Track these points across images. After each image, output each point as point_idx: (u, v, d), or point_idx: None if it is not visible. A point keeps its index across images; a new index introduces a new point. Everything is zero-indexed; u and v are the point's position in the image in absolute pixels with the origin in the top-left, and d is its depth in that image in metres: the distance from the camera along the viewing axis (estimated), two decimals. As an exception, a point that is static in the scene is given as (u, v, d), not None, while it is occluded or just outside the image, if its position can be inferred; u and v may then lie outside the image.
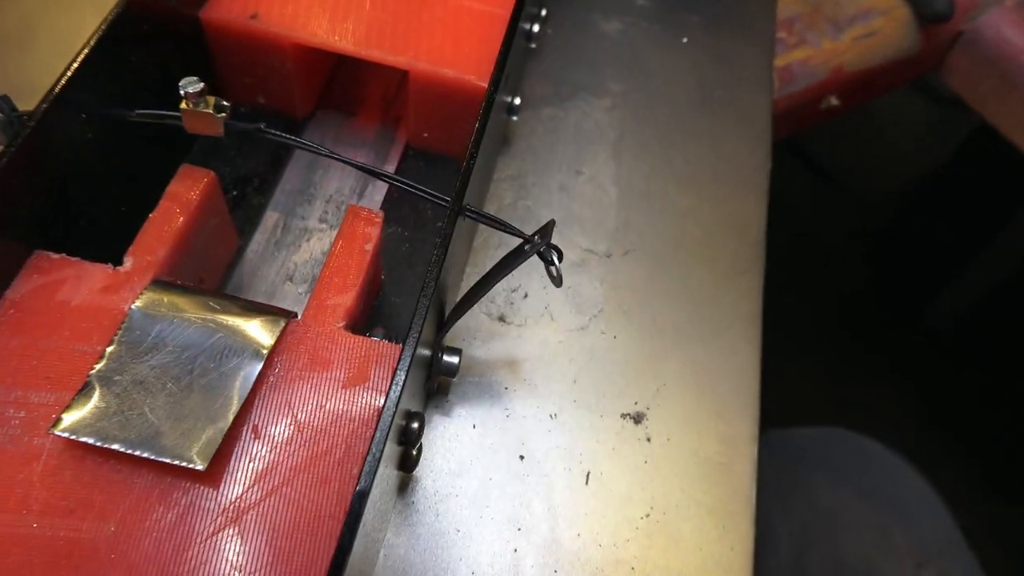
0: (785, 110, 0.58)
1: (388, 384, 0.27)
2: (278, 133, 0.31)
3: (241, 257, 0.39)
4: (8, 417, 0.27)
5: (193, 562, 0.25)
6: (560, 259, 0.32)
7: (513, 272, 0.33)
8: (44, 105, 0.29)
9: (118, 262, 0.30)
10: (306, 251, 0.40)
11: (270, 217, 0.40)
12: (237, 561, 0.25)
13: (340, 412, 0.28)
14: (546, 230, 0.31)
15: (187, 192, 0.32)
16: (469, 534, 0.34)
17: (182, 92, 0.29)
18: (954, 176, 1.36)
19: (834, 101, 0.59)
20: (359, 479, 0.24)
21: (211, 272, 0.36)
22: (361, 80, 0.46)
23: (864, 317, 1.29)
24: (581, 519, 0.35)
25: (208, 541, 0.25)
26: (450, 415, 0.37)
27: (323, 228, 0.41)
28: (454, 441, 0.36)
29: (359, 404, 0.29)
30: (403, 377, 0.26)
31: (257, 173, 0.41)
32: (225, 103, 0.31)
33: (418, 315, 0.27)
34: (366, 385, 0.29)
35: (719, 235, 0.44)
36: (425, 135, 0.43)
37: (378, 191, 0.42)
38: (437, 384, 0.36)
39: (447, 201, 0.31)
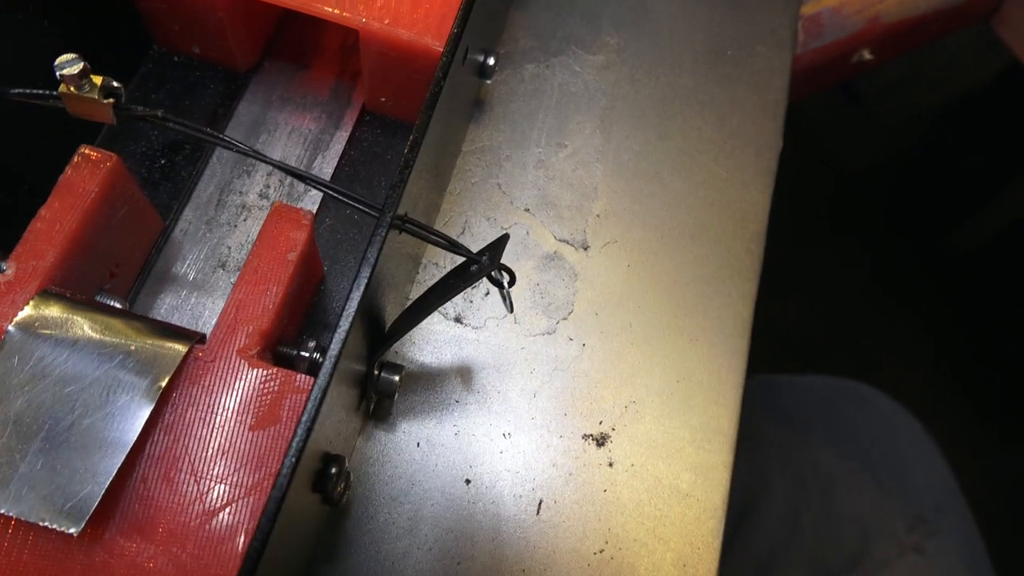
0: (808, 66, 0.51)
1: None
2: (182, 122, 0.26)
3: (168, 238, 0.34)
4: None
5: (67, 633, 0.22)
6: (512, 283, 0.28)
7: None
8: None
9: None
10: (243, 232, 0.35)
11: (203, 191, 0.36)
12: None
13: (245, 460, 0.25)
14: (496, 249, 0.27)
15: (84, 182, 0.28)
16: (404, 567, 0.31)
17: (57, 74, 0.24)
18: (989, 104, 1.26)
19: (867, 55, 0.52)
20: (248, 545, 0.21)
21: (126, 264, 0.32)
22: (316, 27, 0.40)
23: (882, 252, 1.24)
24: (529, 553, 0.32)
25: (85, 610, 0.23)
26: (393, 431, 0.33)
27: (263, 205, 0.36)
28: (395, 461, 0.33)
29: (267, 450, 0.25)
30: (302, 437, 0.22)
31: (189, 139, 0.36)
32: (116, 84, 0.26)
33: (328, 358, 0.23)
34: (277, 427, 0.25)
35: (714, 227, 0.39)
36: (382, 99, 0.37)
37: (328, 162, 0.37)
38: (373, 405, 0.32)
39: (378, 212, 0.26)
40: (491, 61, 0.37)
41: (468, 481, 0.33)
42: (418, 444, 0.33)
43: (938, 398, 1.14)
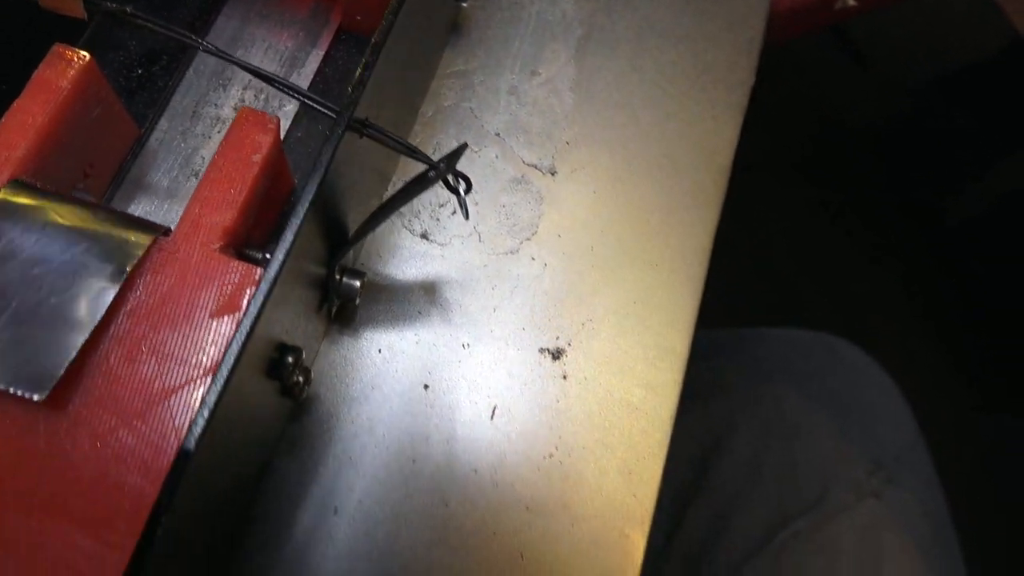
0: (791, 8, 0.51)
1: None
2: (149, 19, 0.27)
3: (143, 147, 0.35)
4: None
5: (32, 490, 0.24)
6: (468, 189, 0.29)
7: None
8: None
9: None
10: (216, 143, 0.36)
11: (179, 102, 0.37)
12: (77, 493, 0.24)
13: (204, 344, 0.26)
14: (453, 157, 0.28)
15: (57, 79, 0.29)
16: (360, 461, 0.33)
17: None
18: (995, 70, 1.25)
19: (851, 2, 0.52)
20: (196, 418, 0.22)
21: (100, 166, 0.33)
22: (295, -55, 0.40)
23: (872, 213, 1.24)
24: (480, 455, 0.34)
25: (47, 471, 0.24)
26: (356, 337, 0.35)
27: (238, 119, 0.37)
28: (356, 364, 0.34)
29: (226, 336, 0.27)
30: (256, 309, 0.24)
31: (168, 49, 0.37)
32: (86, -22, 0.26)
33: (283, 242, 0.25)
34: (236, 315, 0.27)
35: (681, 159, 0.40)
36: (358, 18, 0.38)
37: (303, 79, 0.38)
38: (335, 308, 0.33)
39: (336, 113, 0.27)
40: (467, -17, 0.37)
41: (426, 387, 0.34)
42: (379, 351, 0.35)
43: (916, 358, 1.15)
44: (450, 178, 0.28)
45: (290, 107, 0.37)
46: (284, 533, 0.31)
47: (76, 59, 0.29)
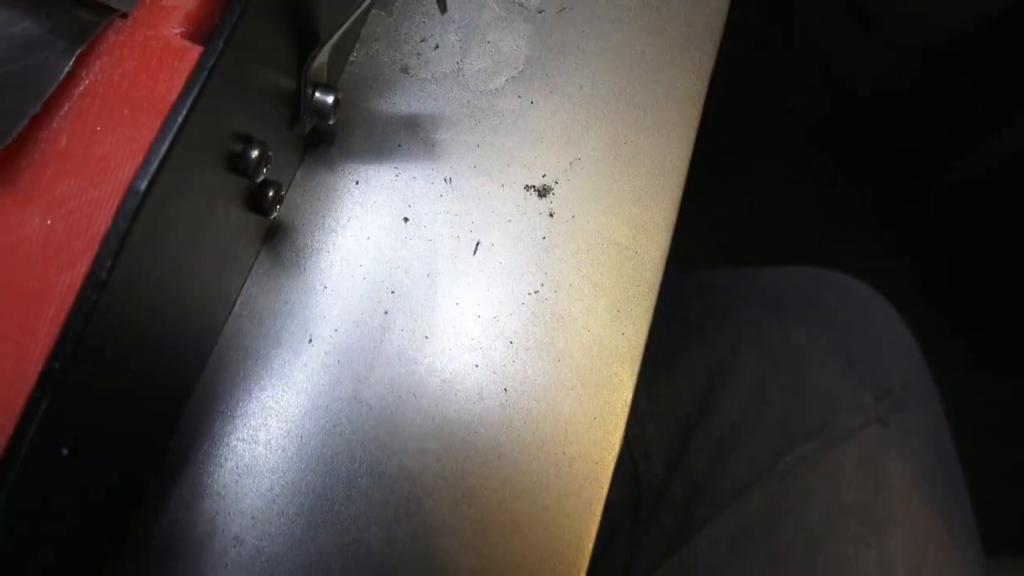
0: None
1: None
2: None
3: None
4: None
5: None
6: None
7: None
8: None
9: None
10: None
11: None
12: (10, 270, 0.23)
13: (154, 126, 0.25)
14: None
15: None
16: (337, 291, 0.31)
17: None
18: (998, 36, 1.22)
19: None
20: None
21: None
22: None
23: (875, 174, 1.22)
24: (462, 289, 0.32)
25: (5, 249, 0.23)
26: (332, 168, 0.33)
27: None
28: (332, 196, 0.33)
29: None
30: (202, 77, 0.22)
31: None
32: None
33: (225, 21, 0.23)
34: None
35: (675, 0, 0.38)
36: None
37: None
38: (310, 127, 0.32)
39: None
40: None
41: (406, 219, 0.33)
42: (356, 182, 0.33)
43: (911, 292, 1.14)
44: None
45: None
46: (258, 361, 0.30)
47: None
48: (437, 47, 0.35)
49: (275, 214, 0.30)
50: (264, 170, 0.26)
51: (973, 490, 0.59)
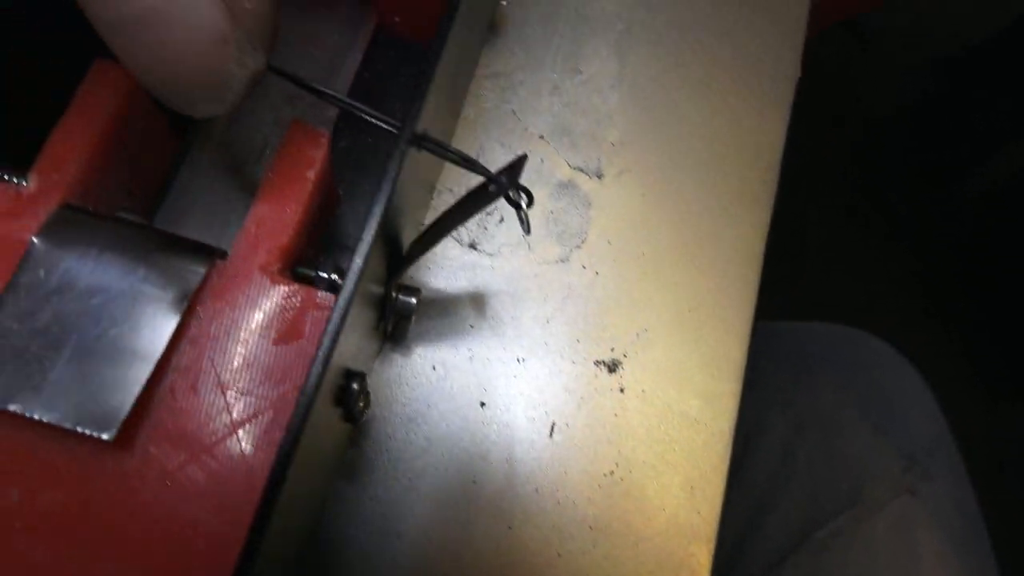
0: (827, -3, 0.50)
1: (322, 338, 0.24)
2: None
3: (187, 157, 0.34)
4: None
5: (103, 533, 0.23)
6: (531, 203, 0.28)
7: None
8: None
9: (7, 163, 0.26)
10: (256, 153, 0.35)
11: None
12: (148, 534, 0.23)
13: (269, 373, 0.25)
14: (514, 170, 0.27)
15: (100, 96, 0.27)
16: (421, 484, 0.32)
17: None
18: (997, 57, 1.24)
19: (886, -12, 0.51)
20: (277, 455, 0.22)
21: (144, 184, 0.32)
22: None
23: (884, 200, 1.23)
24: (541, 473, 0.33)
25: (117, 513, 0.23)
26: (409, 354, 0.34)
27: (276, 131, 0.36)
28: (412, 383, 0.33)
29: (290, 364, 0.25)
30: (330, 340, 0.23)
31: (200, 58, 0.36)
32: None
33: (353, 269, 0.24)
34: (299, 343, 0.26)
35: (729, 157, 0.39)
36: (396, 19, 0.36)
37: (343, 82, 0.37)
38: (393, 326, 0.32)
39: (396, 127, 0.26)
40: (508, -19, 0.36)
41: (483, 404, 0.33)
42: (434, 367, 0.34)
43: (933, 351, 1.15)
44: (522, 197, 0.27)
45: (332, 112, 0.36)
46: (348, 560, 0.30)
47: (118, 74, 0.28)
48: (502, 220, 0.36)
49: (364, 420, 0.30)
50: (362, 404, 0.27)
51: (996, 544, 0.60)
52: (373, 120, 0.26)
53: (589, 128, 0.38)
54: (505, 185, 0.26)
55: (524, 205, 0.28)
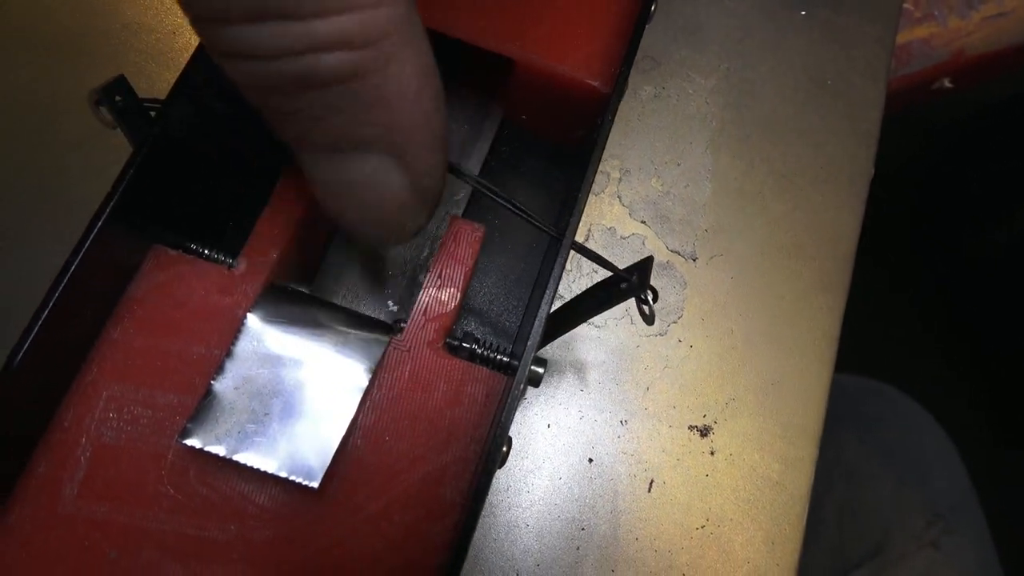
0: (893, 91, 0.54)
1: (480, 408, 0.29)
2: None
3: (339, 232, 0.39)
4: (137, 415, 0.29)
5: (304, 565, 0.28)
6: (655, 299, 0.32)
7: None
8: (170, 96, 0.29)
9: (218, 248, 0.31)
10: (398, 231, 0.40)
11: (364, 192, 0.40)
12: (342, 567, 0.28)
13: (438, 435, 0.30)
14: (644, 270, 0.31)
15: (297, 191, 0.33)
16: (537, 529, 0.36)
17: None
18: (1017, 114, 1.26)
19: (947, 83, 0.55)
20: (462, 513, 0.26)
21: (314, 256, 0.37)
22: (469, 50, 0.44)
23: (901, 254, 1.26)
24: (641, 524, 0.37)
25: (315, 548, 0.28)
26: (527, 413, 0.38)
27: (415, 207, 0.41)
28: (529, 439, 0.38)
29: (455, 428, 0.30)
30: (506, 417, 0.27)
31: (353, 144, 0.41)
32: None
33: (525, 361, 0.28)
34: (459, 409, 0.31)
35: (808, 246, 0.43)
36: (524, 118, 0.42)
37: (472, 166, 0.42)
38: (524, 395, 0.37)
39: (558, 236, 0.31)
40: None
41: (591, 460, 0.38)
42: (548, 426, 0.38)
43: (951, 399, 1.18)
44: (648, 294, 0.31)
45: (461, 195, 0.41)
46: (476, 594, 0.35)
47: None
48: (609, 296, 0.41)
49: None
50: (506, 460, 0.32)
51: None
52: (539, 227, 0.31)
53: (685, 215, 0.43)
54: (636, 287, 0.31)
55: (651, 302, 0.33)
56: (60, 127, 0.41)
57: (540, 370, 0.35)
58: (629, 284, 0.31)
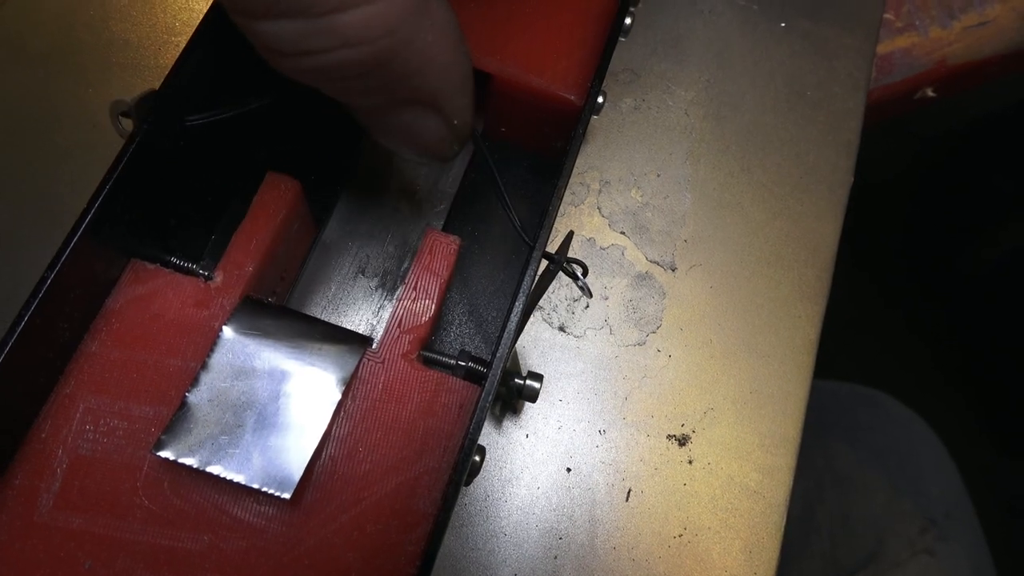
0: (876, 101, 0.55)
1: (453, 419, 0.29)
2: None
3: (317, 243, 0.40)
4: (114, 427, 0.29)
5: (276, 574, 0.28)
6: (585, 273, 0.32)
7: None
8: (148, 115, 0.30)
9: (197, 259, 0.32)
10: (379, 242, 0.41)
11: (343, 206, 0.41)
12: (313, 578, 0.28)
13: (411, 447, 0.30)
14: (563, 246, 0.32)
15: (273, 205, 0.33)
16: (515, 538, 0.37)
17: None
18: (1014, 125, 1.26)
19: (929, 92, 0.56)
20: (434, 521, 0.27)
21: (291, 268, 0.37)
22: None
23: (895, 263, 1.26)
24: (619, 533, 0.37)
25: (289, 558, 0.28)
26: (505, 423, 0.39)
27: (397, 219, 0.41)
28: (507, 449, 0.38)
29: (428, 439, 0.31)
30: (477, 427, 0.28)
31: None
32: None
33: (495, 367, 0.29)
34: (433, 420, 0.31)
35: (787, 256, 0.44)
36: (502, 130, 0.42)
37: (452, 182, 0.42)
38: (519, 406, 0.38)
39: (530, 246, 0.31)
40: (600, 100, 0.41)
41: (569, 470, 0.38)
42: (527, 436, 0.39)
43: (944, 407, 1.18)
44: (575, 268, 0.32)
45: (441, 206, 0.42)
46: (453, 603, 0.35)
47: (288, 186, 0.34)
48: (588, 307, 0.41)
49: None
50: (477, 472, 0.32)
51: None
52: (511, 219, 0.31)
53: (665, 226, 0.43)
54: (559, 261, 0.32)
55: (580, 275, 0.33)
56: (48, 138, 0.41)
57: (537, 385, 0.36)
58: (554, 262, 0.32)
